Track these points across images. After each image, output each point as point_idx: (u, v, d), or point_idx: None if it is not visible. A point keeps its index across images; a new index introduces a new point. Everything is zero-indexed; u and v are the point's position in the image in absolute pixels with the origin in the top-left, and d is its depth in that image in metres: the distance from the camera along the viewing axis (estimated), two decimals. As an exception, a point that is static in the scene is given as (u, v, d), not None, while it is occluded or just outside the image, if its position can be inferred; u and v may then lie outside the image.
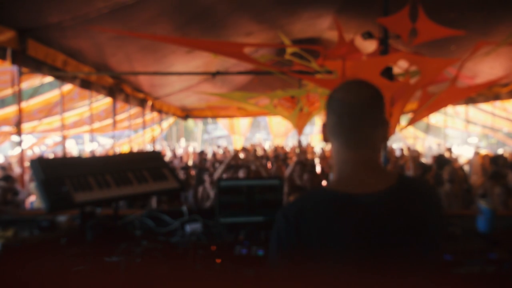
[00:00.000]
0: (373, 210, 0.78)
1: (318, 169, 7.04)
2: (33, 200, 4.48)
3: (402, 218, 0.79)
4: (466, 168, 7.58)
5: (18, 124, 4.32)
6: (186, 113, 11.87)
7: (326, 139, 0.93)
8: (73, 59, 5.06)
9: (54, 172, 1.56)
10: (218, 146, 10.84)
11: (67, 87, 6.34)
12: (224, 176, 4.37)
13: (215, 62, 7.04)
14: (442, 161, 6.16)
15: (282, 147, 12.71)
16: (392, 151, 9.66)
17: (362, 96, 0.85)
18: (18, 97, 4.34)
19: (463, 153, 11.70)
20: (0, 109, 7.30)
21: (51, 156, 9.68)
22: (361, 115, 0.84)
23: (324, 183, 6.46)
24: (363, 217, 0.77)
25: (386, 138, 0.87)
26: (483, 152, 9.56)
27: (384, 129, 0.86)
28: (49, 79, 5.59)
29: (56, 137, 11.13)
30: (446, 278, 1.18)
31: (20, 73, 4.24)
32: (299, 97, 6.62)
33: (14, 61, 4.00)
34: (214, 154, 9.64)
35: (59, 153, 9.72)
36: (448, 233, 1.63)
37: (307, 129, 9.68)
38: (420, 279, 0.79)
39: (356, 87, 0.87)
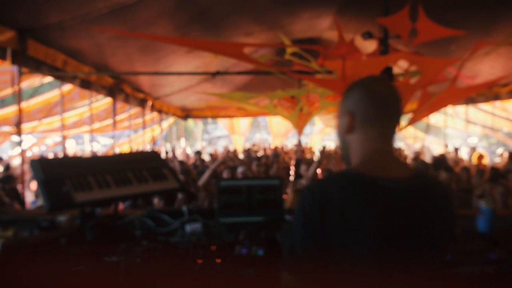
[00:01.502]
0: (396, 194, 0.83)
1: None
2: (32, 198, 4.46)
3: (421, 205, 0.84)
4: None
5: (18, 124, 4.31)
6: (186, 113, 11.86)
7: (351, 130, 0.93)
8: (73, 59, 5.06)
9: (54, 172, 1.56)
10: (225, 147, 10.88)
11: (67, 87, 6.33)
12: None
13: (215, 62, 7.03)
14: (439, 163, 6.15)
15: (282, 147, 12.69)
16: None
17: (394, 91, 0.90)
18: (18, 97, 4.33)
19: (463, 154, 11.69)
20: (0, 109, 7.28)
21: (51, 156, 9.67)
22: (394, 108, 0.90)
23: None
24: (386, 199, 0.82)
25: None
26: (480, 152, 9.56)
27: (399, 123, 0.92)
28: (49, 79, 5.58)
29: (56, 137, 11.12)
30: (446, 278, 1.18)
31: (20, 73, 4.23)
32: (299, 97, 6.62)
33: (14, 61, 4.00)
34: (211, 155, 9.58)
35: (59, 153, 9.72)
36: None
37: (307, 129, 9.66)
38: (424, 274, 0.83)
39: (384, 82, 0.92)
